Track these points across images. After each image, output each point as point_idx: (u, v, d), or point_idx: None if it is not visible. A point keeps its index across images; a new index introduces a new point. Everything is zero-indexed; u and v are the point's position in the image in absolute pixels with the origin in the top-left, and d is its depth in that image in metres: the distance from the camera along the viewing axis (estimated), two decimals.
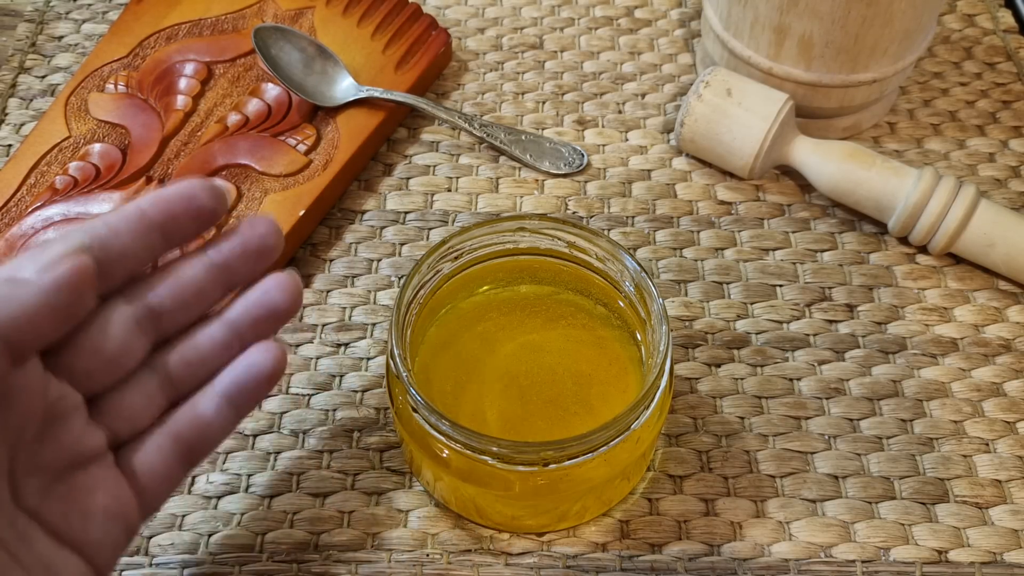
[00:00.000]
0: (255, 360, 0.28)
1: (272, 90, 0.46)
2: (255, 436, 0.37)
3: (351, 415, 0.37)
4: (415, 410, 0.30)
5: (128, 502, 0.27)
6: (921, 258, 0.43)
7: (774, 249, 0.43)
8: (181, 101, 0.45)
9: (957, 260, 0.42)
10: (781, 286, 0.42)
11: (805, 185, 0.45)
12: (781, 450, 0.37)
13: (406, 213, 0.44)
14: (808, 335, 0.40)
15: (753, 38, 0.43)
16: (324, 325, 0.40)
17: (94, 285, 0.25)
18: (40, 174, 0.42)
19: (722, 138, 0.43)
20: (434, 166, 0.46)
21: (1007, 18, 0.53)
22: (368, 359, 0.39)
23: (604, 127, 0.48)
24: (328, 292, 0.41)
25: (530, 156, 0.46)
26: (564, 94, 0.49)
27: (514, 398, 0.33)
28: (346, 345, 0.40)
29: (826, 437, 0.37)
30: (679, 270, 0.42)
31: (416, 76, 0.47)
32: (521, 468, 0.30)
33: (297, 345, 0.40)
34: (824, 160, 0.42)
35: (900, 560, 0.34)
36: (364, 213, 0.44)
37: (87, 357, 0.26)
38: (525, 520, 0.34)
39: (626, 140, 0.47)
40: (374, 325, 0.40)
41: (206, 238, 0.28)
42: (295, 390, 0.38)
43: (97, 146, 0.44)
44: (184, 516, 0.35)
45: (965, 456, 0.37)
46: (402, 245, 0.43)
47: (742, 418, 0.37)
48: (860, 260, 0.43)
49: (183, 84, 0.46)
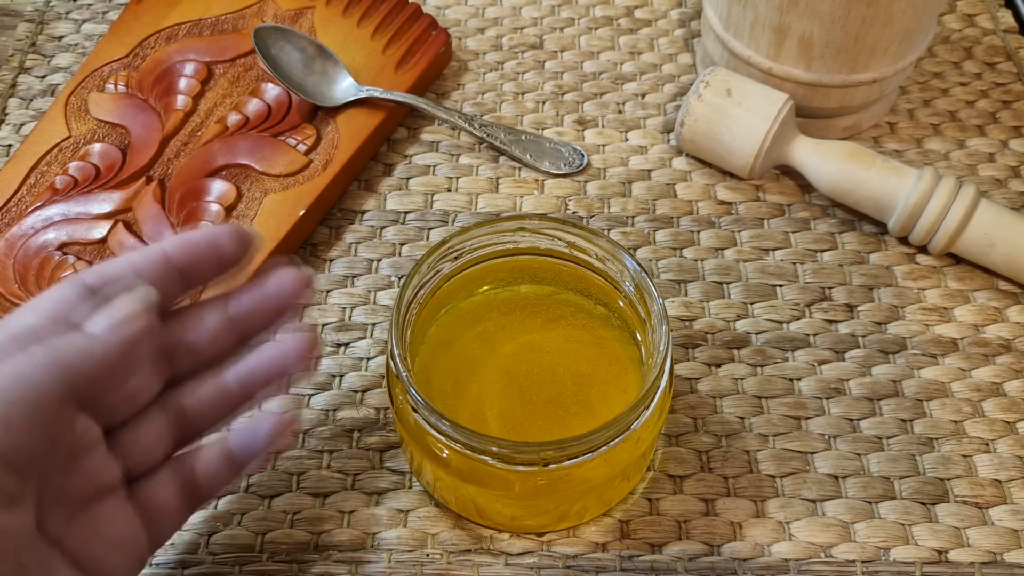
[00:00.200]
0: (264, 429, 0.29)
1: (272, 90, 0.46)
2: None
3: (351, 415, 0.37)
4: (415, 410, 0.30)
5: (140, 534, 0.27)
6: (921, 258, 0.43)
7: (774, 249, 0.43)
8: (181, 101, 0.45)
9: (957, 260, 0.42)
10: (781, 286, 0.42)
11: (805, 185, 0.45)
12: (781, 450, 0.37)
13: (406, 213, 0.44)
14: (808, 335, 0.40)
15: (753, 38, 0.43)
16: (324, 325, 0.40)
17: (154, 343, 0.27)
18: (40, 174, 0.43)
19: (722, 138, 0.43)
20: (434, 166, 0.46)
21: (1007, 18, 0.53)
22: (368, 359, 0.39)
23: (604, 127, 0.48)
24: (328, 292, 0.41)
25: (530, 156, 0.45)
26: (564, 94, 0.49)
27: (514, 398, 0.33)
28: (346, 345, 0.40)
29: (826, 437, 0.37)
30: (679, 270, 0.42)
31: (416, 76, 0.47)
32: (521, 468, 0.30)
33: None
34: (824, 160, 0.42)
35: (900, 560, 0.34)
36: (364, 213, 0.44)
37: (110, 391, 0.26)
38: (525, 520, 0.34)
39: (626, 140, 0.47)
40: (374, 325, 0.40)
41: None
42: (295, 390, 0.38)
43: (97, 146, 0.44)
44: None
45: (965, 456, 0.37)
46: (402, 245, 0.43)
47: (742, 418, 0.37)
48: (860, 260, 0.43)
49: (183, 84, 0.46)
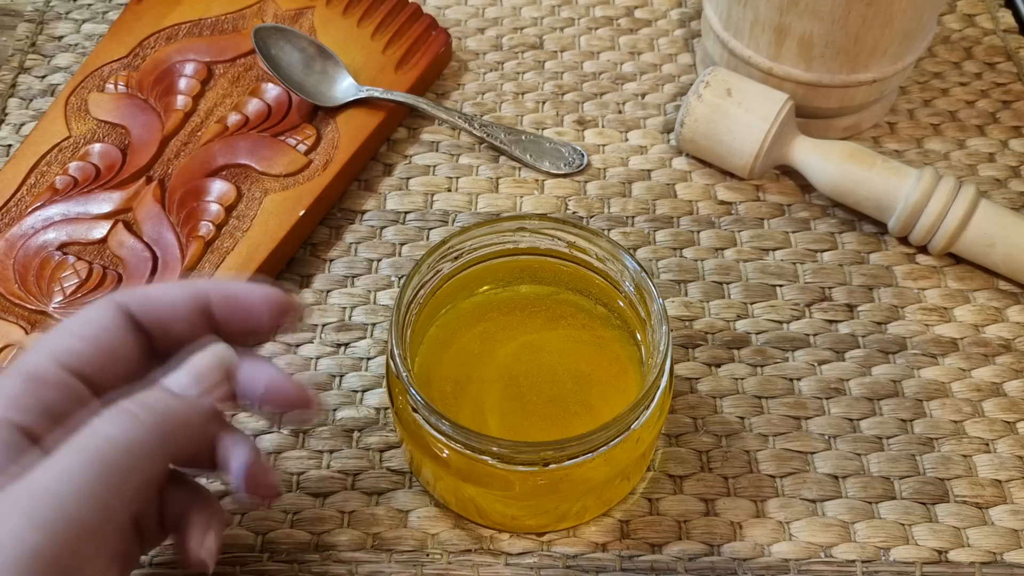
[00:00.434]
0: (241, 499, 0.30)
1: (272, 90, 0.46)
2: (255, 436, 0.37)
3: (351, 415, 0.37)
4: (415, 410, 0.30)
5: (134, 545, 0.28)
6: (921, 258, 0.43)
7: (774, 249, 0.43)
8: (181, 101, 0.45)
9: (957, 260, 0.42)
10: (781, 286, 0.42)
11: (805, 185, 0.45)
12: (781, 450, 0.37)
13: (406, 213, 0.44)
14: (808, 335, 0.40)
15: (753, 38, 0.43)
16: (324, 325, 0.40)
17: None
18: (40, 174, 0.43)
19: (722, 138, 0.43)
20: (434, 166, 0.46)
21: (1007, 18, 0.53)
22: (368, 359, 0.39)
23: (604, 127, 0.48)
24: (328, 292, 0.41)
25: (530, 156, 0.45)
26: (564, 94, 0.49)
27: (514, 398, 0.33)
28: (346, 345, 0.40)
29: (826, 437, 0.37)
30: (679, 270, 0.42)
31: (416, 76, 0.47)
32: (521, 468, 0.30)
33: (297, 345, 0.40)
34: (824, 160, 0.42)
35: (900, 560, 0.34)
36: (364, 213, 0.44)
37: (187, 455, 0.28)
38: (525, 520, 0.34)
39: (626, 140, 0.47)
40: (374, 325, 0.40)
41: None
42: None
43: (97, 146, 0.44)
44: None
45: (965, 456, 0.37)
46: (402, 245, 0.43)
47: (742, 418, 0.37)
48: (860, 260, 0.43)
49: (183, 84, 0.46)
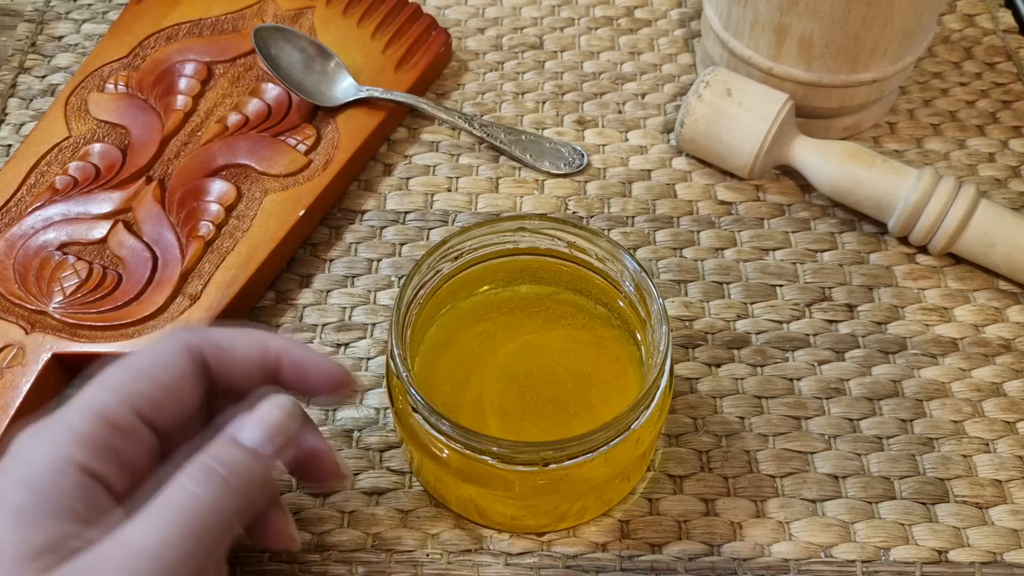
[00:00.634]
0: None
1: (272, 90, 0.46)
2: None
3: (351, 415, 0.37)
4: (415, 410, 0.30)
5: None
6: (921, 258, 0.43)
7: (774, 249, 0.43)
8: (181, 101, 0.45)
9: (957, 260, 0.42)
10: (781, 286, 0.42)
11: (805, 185, 0.45)
12: (781, 450, 0.37)
13: (406, 213, 0.44)
14: (808, 335, 0.40)
15: (753, 38, 0.43)
16: (324, 325, 0.40)
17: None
18: (40, 174, 0.42)
19: (722, 138, 0.43)
20: (434, 166, 0.46)
21: (1007, 18, 0.53)
22: (368, 359, 0.39)
23: (604, 127, 0.48)
24: (328, 292, 0.41)
25: (530, 156, 0.45)
26: (564, 94, 0.49)
27: (514, 398, 0.33)
28: (346, 345, 0.40)
29: (826, 437, 0.37)
30: (679, 270, 0.42)
31: (416, 76, 0.47)
32: (521, 468, 0.30)
33: None
34: (824, 160, 0.42)
35: (900, 560, 0.34)
36: (364, 213, 0.44)
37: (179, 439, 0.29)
38: (525, 520, 0.34)
39: (626, 140, 0.47)
40: (374, 325, 0.40)
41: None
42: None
43: (97, 146, 0.44)
44: None
45: (965, 456, 0.37)
46: (402, 245, 0.43)
47: (742, 418, 0.37)
48: (860, 260, 0.43)
49: (183, 84, 0.46)
